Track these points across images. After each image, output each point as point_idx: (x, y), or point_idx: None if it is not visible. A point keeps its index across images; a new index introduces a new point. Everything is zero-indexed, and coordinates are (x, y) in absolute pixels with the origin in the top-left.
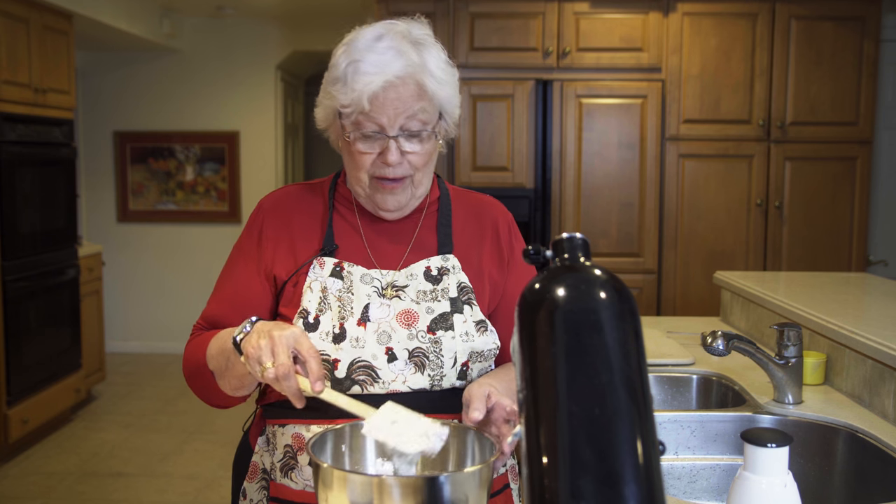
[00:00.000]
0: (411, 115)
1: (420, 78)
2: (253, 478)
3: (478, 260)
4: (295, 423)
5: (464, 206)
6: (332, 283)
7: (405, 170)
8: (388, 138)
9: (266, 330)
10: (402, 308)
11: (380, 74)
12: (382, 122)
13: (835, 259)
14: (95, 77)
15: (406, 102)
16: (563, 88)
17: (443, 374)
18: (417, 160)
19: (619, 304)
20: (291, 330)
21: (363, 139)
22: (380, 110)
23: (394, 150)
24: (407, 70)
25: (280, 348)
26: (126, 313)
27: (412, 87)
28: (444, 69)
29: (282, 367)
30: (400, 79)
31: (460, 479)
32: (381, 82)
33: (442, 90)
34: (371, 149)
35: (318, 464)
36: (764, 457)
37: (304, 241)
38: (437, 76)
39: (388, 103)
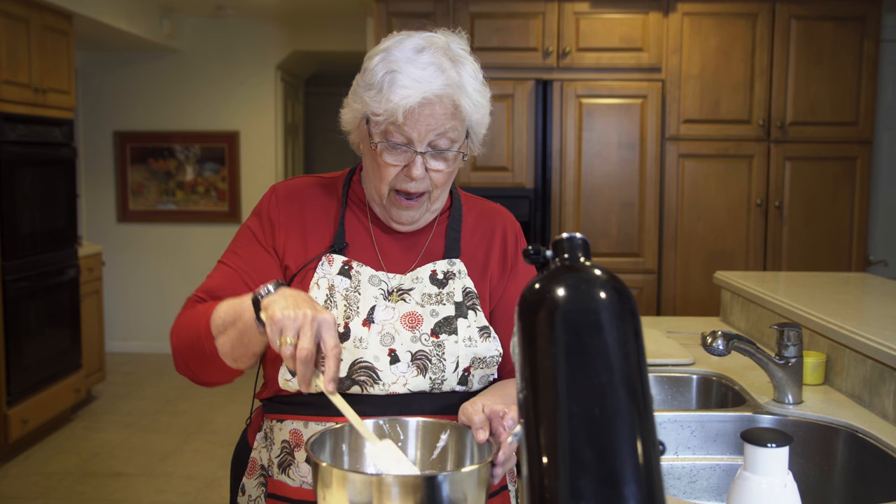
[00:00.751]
0: (441, 133)
1: (457, 98)
2: (252, 474)
3: (484, 266)
4: (293, 419)
5: (474, 212)
6: (339, 282)
7: (426, 186)
8: (415, 153)
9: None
10: (406, 310)
11: (418, 90)
12: (412, 136)
13: (835, 259)
14: (95, 77)
15: (439, 120)
16: (563, 88)
17: (444, 377)
18: (439, 178)
19: (619, 304)
20: (325, 316)
21: (389, 150)
22: (412, 125)
23: (419, 165)
24: (446, 90)
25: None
26: (126, 313)
27: (448, 106)
28: (479, 90)
29: (303, 351)
30: (438, 97)
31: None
32: (419, 98)
33: (475, 112)
34: (397, 161)
35: (317, 463)
36: (764, 457)
37: (315, 235)
38: (473, 97)
39: (421, 119)
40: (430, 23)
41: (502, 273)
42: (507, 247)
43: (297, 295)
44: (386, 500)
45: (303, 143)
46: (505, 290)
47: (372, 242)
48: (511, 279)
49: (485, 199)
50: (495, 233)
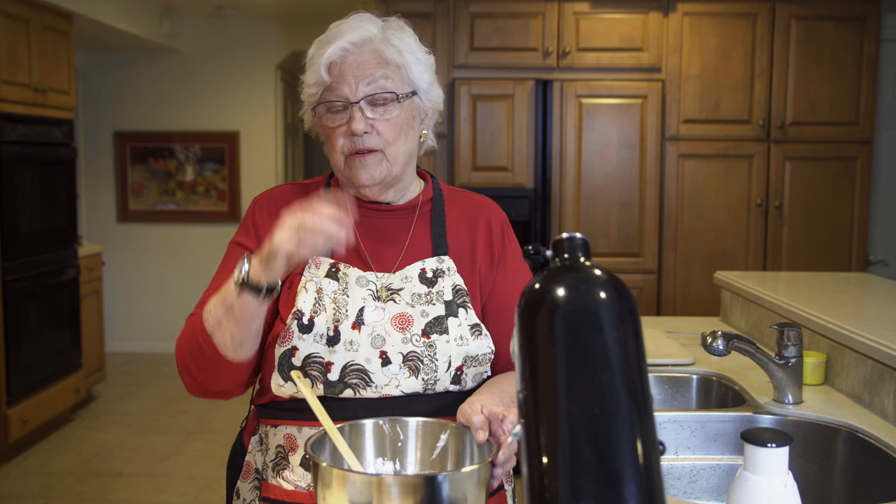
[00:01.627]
0: (372, 81)
1: (378, 46)
2: (246, 477)
3: (472, 261)
4: (287, 424)
5: (458, 205)
6: (327, 284)
7: (375, 141)
8: (351, 105)
9: None
10: (396, 311)
11: (336, 43)
12: (345, 91)
13: (835, 259)
14: (95, 77)
15: (365, 68)
16: (563, 88)
17: (437, 378)
18: (387, 130)
19: (619, 304)
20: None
21: (331, 114)
22: (340, 79)
23: (358, 117)
24: (363, 37)
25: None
26: (126, 313)
27: (369, 54)
28: (409, 45)
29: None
30: (355, 45)
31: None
32: (338, 50)
33: (407, 63)
34: (339, 121)
35: (317, 463)
36: (764, 457)
37: None
38: (398, 47)
39: (346, 70)
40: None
41: (490, 266)
42: (492, 238)
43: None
44: (386, 499)
45: (303, 143)
46: (495, 284)
47: (357, 242)
48: (500, 272)
49: (469, 191)
50: (479, 225)
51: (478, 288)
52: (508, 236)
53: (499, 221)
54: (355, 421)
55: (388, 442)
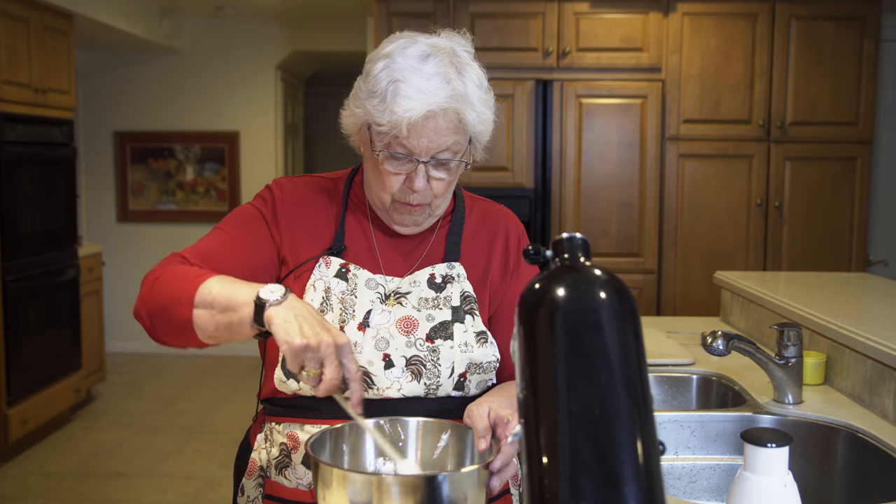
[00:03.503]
0: (445, 147)
1: (461, 110)
2: (251, 475)
3: (484, 269)
4: (290, 422)
5: (477, 214)
6: (335, 284)
7: (427, 197)
8: (417, 163)
9: (311, 327)
10: (402, 315)
11: (423, 103)
12: (415, 149)
13: (835, 259)
14: (95, 77)
15: (442, 134)
16: (563, 88)
17: (439, 383)
18: (440, 187)
19: (619, 304)
20: (344, 341)
21: (392, 160)
22: (416, 138)
23: (421, 176)
24: (451, 103)
25: (332, 363)
26: (126, 313)
27: (452, 118)
28: (483, 100)
29: (332, 382)
30: (443, 110)
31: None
32: (423, 111)
33: (479, 123)
34: (399, 170)
35: (317, 462)
36: (764, 457)
37: (315, 235)
38: (478, 108)
39: (425, 133)
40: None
41: (503, 276)
42: (509, 250)
43: (309, 314)
44: (386, 499)
45: (303, 143)
46: (506, 294)
47: (371, 245)
48: (512, 282)
49: (489, 199)
50: (497, 235)
51: (487, 296)
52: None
53: (516, 233)
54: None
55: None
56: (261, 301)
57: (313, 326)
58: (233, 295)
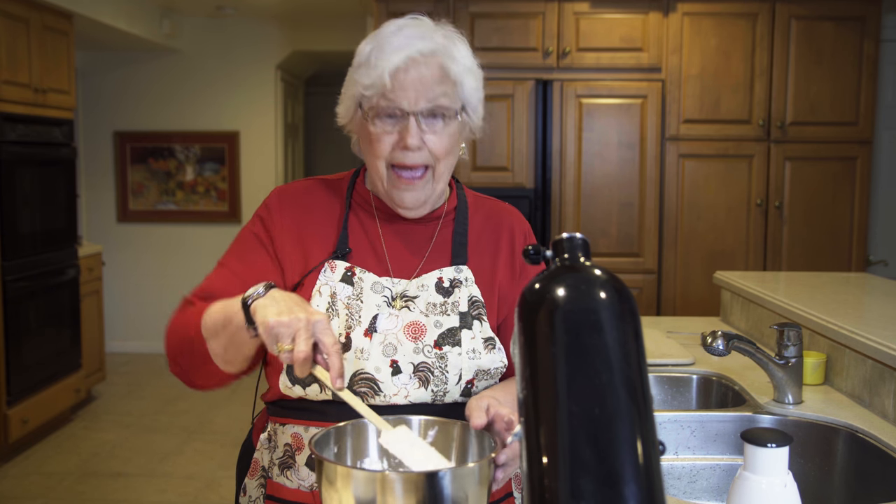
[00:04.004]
0: (433, 98)
1: (444, 60)
2: (253, 474)
3: (491, 271)
4: (295, 423)
5: (481, 213)
6: (341, 289)
7: (424, 157)
8: (408, 115)
9: (290, 304)
10: (410, 320)
11: (404, 50)
12: (402, 103)
13: (835, 259)
14: (95, 77)
15: (428, 84)
16: (563, 88)
17: (446, 390)
18: (437, 147)
19: (619, 304)
20: (318, 317)
21: (381, 119)
22: (401, 89)
23: (413, 129)
24: (431, 48)
25: (304, 333)
26: (126, 313)
27: (435, 68)
28: (469, 61)
29: (300, 354)
30: (424, 56)
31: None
32: (404, 57)
33: (466, 80)
34: (390, 129)
35: (321, 460)
36: (764, 457)
37: (318, 240)
38: (462, 63)
39: (409, 82)
40: None
41: (511, 277)
42: (515, 249)
43: (288, 298)
44: (389, 496)
45: (303, 143)
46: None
47: (376, 244)
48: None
49: (493, 198)
50: (503, 235)
51: (496, 299)
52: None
53: (522, 231)
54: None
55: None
56: (245, 300)
57: (289, 306)
58: (225, 309)
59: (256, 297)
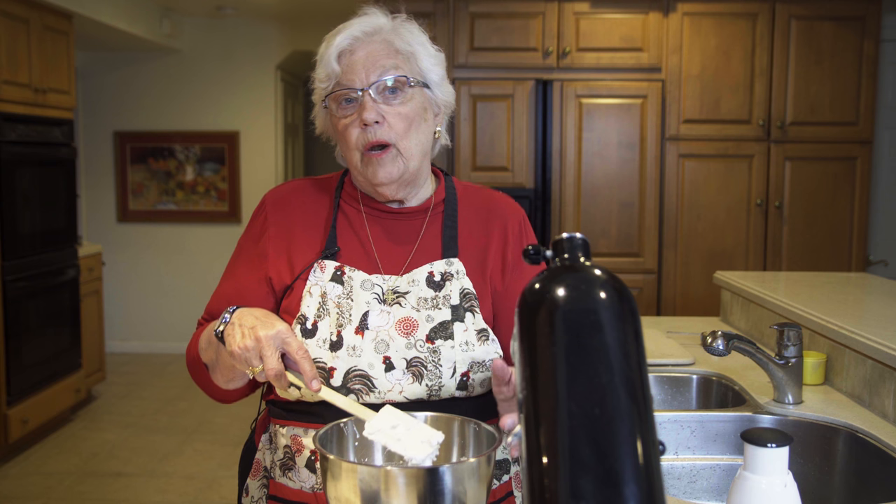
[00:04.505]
0: (383, 71)
1: (388, 36)
2: (256, 475)
3: (483, 263)
4: (294, 425)
5: (472, 204)
6: (331, 289)
7: (386, 133)
8: (361, 93)
9: (249, 326)
10: (401, 316)
11: (347, 33)
12: (354, 82)
13: (835, 259)
14: (95, 77)
15: (376, 58)
16: (563, 88)
17: (441, 384)
18: (398, 122)
19: (619, 304)
20: (276, 329)
21: (341, 105)
22: (350, 69)
23: (369, 105)
24: (373, 26)
25: (268, 350)
26: (126, 313)
27: (380, 43)
28: (419, 38)
29: (271, 371)
30: (366, 34)
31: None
32: (348, 38)
33: (419, 55)
34: (350, 112)
35: (325, 456)
36: (764, 457)
37: (307, 241)
38: (407, 38)
39: (356, 61)
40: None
41: (504, 269)
42: (507, 240)
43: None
44: (392, 490)
45: (303, 143)
46: (508, 287)
47: (365, 242)
48: (516, 273)
49: (485, 187)
50: (495, 226)
51: (488, 291)
52: (527, 233)
53: (516, 220)
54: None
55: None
56: (217, 333)
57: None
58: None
59: (223, 325)
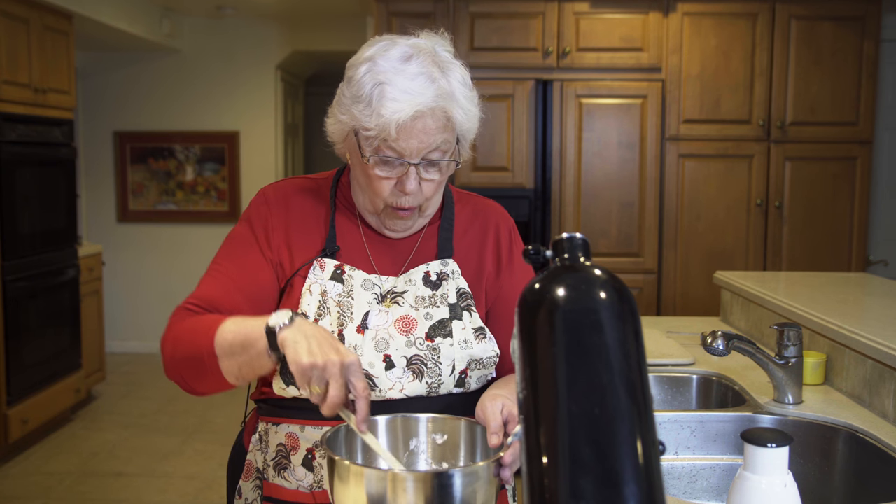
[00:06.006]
0: (435, 148)
1: (449, 108)
2: (248, 476)
3: (478, 265)
4: (289, 423)
5: (467, 209)
6: (331, 287)
7: (419, 200)
8: (408, 165)
9: (319, 345)
10: (400, 314)
11: (410, 104)
12: (405, 151)
13: (835, 259)
14: (95, 77)
15: (431, 134)
16: (563, 88)
17: (440, 381)
18: (430, 189)
19: (619, 304)
20: (351, 360)
21: (382, 164)
22: (405, 140)
23: (413, 178)
24: (437, 101)
25: (337, 381)
26: (126, 313)
27: (440, 118)
28: (468, 97)
29: (334, 400)
30: (430, 109)
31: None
32: (411, 112)
33: (467, 120)
34: (390, 174)
35: (333, 458)
36: (764, 457)
37: (306, 239)
38: (464, 106)
39: (414, 134)
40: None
41: (498, 271)
42: (500, 244)
43: (317, 333)
44: (400, 494)
45: (303, 143)
46: (501, 289)
47: (362, 245)
48: (507, 276)
49: (477, 195)
50: (488, 230)
51: (483, 292)
52: (515, 241)
53: (507, 227)
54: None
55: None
56: (271, 329)
57: (322, 346)
58: (247, 334)
59: (284, 327)
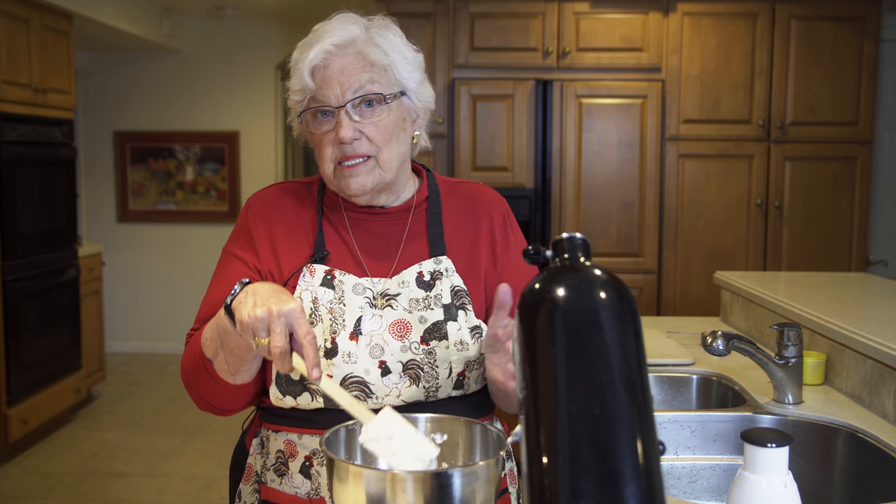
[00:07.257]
0: (359, 88)
1: (362, 48)
2: (248, 479)
3: (472, 258)
4: (288, 431)
5: (456, 200)
6: (322, 293)
7: (365, 147)
8: (337, 110)
9: (263, 297)
10: (394, 318)
11: (317, 46)
12: (329, 97)
13: (835, 259)
14: (95, 77)
15: (350, 72)
16: (563, 88)
17: (438, 385)
18: (376, 135)
19: (619, 304)
20: (290, 307)
21: (315, 120)
22: (324, 84)
23: (345, 122)
24: (345, 38)
25: (277, 326)
26: (126, 313)
27: (353, 56)
28: (395, 45)
29: (277, 349)
30: (338, 47)
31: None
32: (320, 54)
33: (393, 63)
34: (326, 127)
35: (332, 459)
36: (764, 457)
37: (293, 245)
38: (383, 47)
39: (330, 75)
40: (430, 23)
41: (494, 262)
42: (494, 231)
43: (262, 289)
44: (399, 494)
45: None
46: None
47: (352, 246)
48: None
49: (466, 181)
50: (481, 220)
51: (481, 285)
52: (511, 226)
53: (500, 212)
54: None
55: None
56: (227, 305)
57: (264, 299)
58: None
59: (234, 295)
